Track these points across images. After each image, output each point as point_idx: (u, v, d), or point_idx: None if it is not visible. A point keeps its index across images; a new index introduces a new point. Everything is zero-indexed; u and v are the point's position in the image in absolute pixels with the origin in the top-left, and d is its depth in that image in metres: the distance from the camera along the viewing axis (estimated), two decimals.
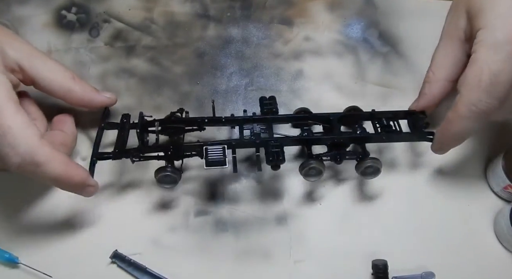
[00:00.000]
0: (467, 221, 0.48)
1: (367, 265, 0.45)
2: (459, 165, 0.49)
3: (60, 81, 0.43)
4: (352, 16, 0.55)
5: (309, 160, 0.43)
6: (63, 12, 0.54)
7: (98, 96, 0.46)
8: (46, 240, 0.45)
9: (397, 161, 0.50)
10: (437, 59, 0.46)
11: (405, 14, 0.54)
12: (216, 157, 0.41)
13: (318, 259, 0.46)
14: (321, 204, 0.48)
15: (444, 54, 0.45)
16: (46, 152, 0.38)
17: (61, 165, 0.39)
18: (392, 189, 0.48)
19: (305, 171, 0.43)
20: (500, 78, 0.38)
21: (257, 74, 0.53)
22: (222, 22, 0.55)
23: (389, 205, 0.48)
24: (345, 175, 0.49)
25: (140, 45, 0.53)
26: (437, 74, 0.45)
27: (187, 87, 0.52)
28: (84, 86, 0.45)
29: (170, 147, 0.43)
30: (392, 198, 0.48)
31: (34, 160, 0.38)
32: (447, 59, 0.45)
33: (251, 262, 0.46)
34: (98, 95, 0.46)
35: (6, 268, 0.45)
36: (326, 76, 0.53)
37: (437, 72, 0.45)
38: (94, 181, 0.43)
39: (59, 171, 0.39)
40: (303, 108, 0.48)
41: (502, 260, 0.46)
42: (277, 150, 0.42)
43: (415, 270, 0.45)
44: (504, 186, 0.46)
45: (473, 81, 0.39)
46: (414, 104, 0.48)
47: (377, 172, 0.44)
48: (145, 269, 0.45)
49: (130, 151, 0.43)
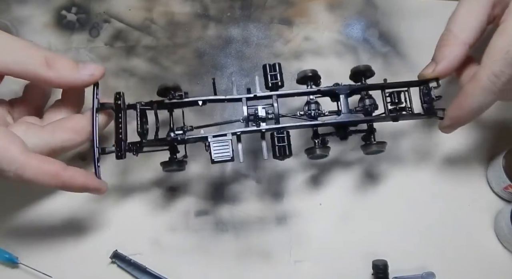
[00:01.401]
0: (468, 221, 0.48)
1: (367, 265, 0.45)
2: (460, 165, 0.49)
3: (31, 72, 0.39)
4: (352, 16, 0.55)
5: (315, 148, 0.42)
6: (63, 12, 0.54)
7: (78, 77, 0.40)
8: (46, 240, 0.45)
9: (398, 161, 0.50)
10: (459, 20, 0.41)
11: (405, 14, 0.54)
12: (222, 152, 0.41)
13: (318, 259, 0.46)
14: (321, 204, 0.48)
15: (468, 16, 0.41)
16: (33, 168, 0.36)
17: (53, 179, 0.37)
18: (392, 189, 0.48)
19: (310, 157, 0.43)
20: None
21: (257, 74, 0.53)
22: (222, 22, 0.55)
23: (390, 205, 0.48)
24: (345, 175, 0.49)
25: (140, 45, 0.53)
26: (460, 36, 0.41)
27: (187, 87, 0.52)
28: (60, 69, 0.40)
29: (173, 141, 0.41)
30: (393, 198, 0.48)
31: (24, 179, 0.36)
32: (470, 21, 0.41)
33: (251, 262, 0.46)
34: (77, 75, 0.40)
35: (6, 268, 0.45)
36: (326, 76, 0.53)
37: (459, 35, 0.41)
38: (97, 183, 0.40)
39: (53, 183, 0.37)
40: (310, 71, 0.44)
41: (502, 260, 0.46)
42: (284, 144, 0.41)
43: (415, 270, 0.45)
44: (505, 186, 0.46)
45: (500, 52, 0.37)
46: (430, 68, 0.42)
47: (382, 151, 0.44)
48: (145, 269, 0.45)
49: (133, 146, 0.41)
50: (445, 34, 0.42)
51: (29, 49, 0.39)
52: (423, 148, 0.50)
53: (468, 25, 0.41)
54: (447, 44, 0.41)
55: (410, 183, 0.49)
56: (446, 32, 0.42)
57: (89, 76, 0.41)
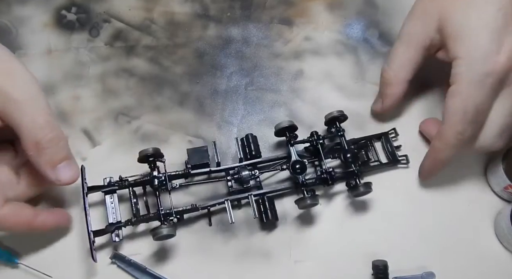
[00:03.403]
0: (467, 221, 0.47)
1: (367, 266, 0.45)
2: (460, 165, 0.48)
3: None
4: (352, 16, 0.55)
5: (305, 198, 0.43)
6: (63, 12, 0.54)
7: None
8: (46, 240, 0.45)
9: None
10: (397, 61, 0.46)
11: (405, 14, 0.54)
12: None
13: (318, 259, 0.46)
14: (321, 204, 0.48)
15: (405, 57, 0.46)
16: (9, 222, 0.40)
17: (27, 227, 0.41)
18: (392, 189, 0.48)
19: (301, 206, 0.45)
20: (482, 108, 0.41)
21: (257, 74, 0.53)
22: (222, 22, 0.55)
23: (389, 205, 0.48)
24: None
25: (140, 45, 0.53)
26: (399, 75, 0.46)
27: (187, 87, 0.52)
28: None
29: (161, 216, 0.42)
30: (392, 198, 0.48)
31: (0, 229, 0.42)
32: (407, 61, 0.46)
33: (251, 262, 0.46)
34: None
35: (6, 268, 0.45)
36: (326, 76, 0.53)
37: (399, 74, 0.46)
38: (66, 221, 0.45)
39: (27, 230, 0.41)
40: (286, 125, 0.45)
41: (502, 260, 0.46)
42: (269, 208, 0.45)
43: (415, 270, 0.45)
44: (505, 186, 0.46)
45: (459, 113, 0.41)
46: (378, 105, 0.49)
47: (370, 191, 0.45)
48: (145, 269, 0.45)
49: (123, 223, 0.43)
50: (386, 71, 0.47)
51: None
52: (422, 148, 0.50)
53: (405, 65, 0.46)
54: (389, 82, 0.47)
55: (410, 182, 0.49)
56: (386, 70, 0.47)
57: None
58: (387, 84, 0.47)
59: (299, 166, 0.44)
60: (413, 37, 0.45)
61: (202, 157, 0.45)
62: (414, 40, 0.45)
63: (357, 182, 0.45)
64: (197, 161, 0.45)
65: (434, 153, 0.45)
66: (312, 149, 0.47)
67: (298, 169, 0.44)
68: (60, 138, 0.39)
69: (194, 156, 0.45)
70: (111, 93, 0.51)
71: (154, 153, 0.43)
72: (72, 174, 0.40)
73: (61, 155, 0.40)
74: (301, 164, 0.44)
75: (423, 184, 0.49)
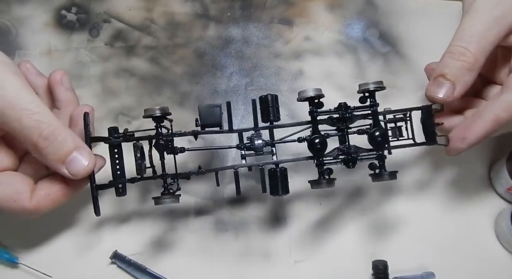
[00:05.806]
0: (468, 222, 0.47)
1: (367, 266, 0.45)
2: (462, 166, 0.48)
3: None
4: (352, 16, 0.55)
5: (321, 183, 0.40)
6: (63, 12, 0.54)
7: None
8: (46, 240, 0.45)
9: (398, 161, 0.50)
10: (478, 40, 0.39)
11: (405, 14, 0.54)
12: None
13: (318, 259, 0.46)
14: (321, 203, 0.48)
15: (487, 36, 0.39)
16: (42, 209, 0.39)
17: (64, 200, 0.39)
18: (392, 189, 0.48)
19: (315, 188, 0.41)
20: None
21: (257, 74, 0.53)
22: (222, 22, 0.55)
23: (389, 205, 0.48)
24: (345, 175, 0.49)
25: (140, 45, 0.53)
26: (479, 60, 0.39)
27: (187, 87, 0.52)
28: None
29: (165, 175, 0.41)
30: (392, 198, 0.48)
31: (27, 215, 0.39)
32: (488, 43, 0.39)
33: (251, 262, 0.46)
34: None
35: (6, 268, 0.45)
36: (326, 76, 0.53)
37: (479, 58, 0.39)
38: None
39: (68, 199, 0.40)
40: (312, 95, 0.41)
41: (502, 261, 0.46)
42: (280, 182, 0.40)
43: (415, 270, 0.45)
44: (508, 187, 0.46)
45: None
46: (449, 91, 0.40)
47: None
48: (145, 269, 0.45)
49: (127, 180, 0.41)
50: (465, 54, 0.39)
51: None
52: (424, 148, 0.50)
53: (487, 48, 0.39)
54: (468, 68, 0.39)
55: (410, 182, 0.49)
56: (464, 51, 0.39)
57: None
58: (467, 69, 0.39)
59: (318, 141, 0.39)
60: (503, 20, 0.39)
61: (214, 116, 0.40)
62: (503, 24, 0.39)
63: (382, 169, 0.40)
64: (209, 120, 0.40)
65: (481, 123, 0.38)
66: (336, 121, 0.41)
67: (318, 144, 0.39)
68: (57, 132, 0.36)
69: (206, 114, 0.40)
70: (111, 93, 0.51)
71: (161, 113, 0.40)
72: (84, 164, 0.37)
73: (66, 148, 0.37)
74: (321, 138, 0.39)
75: (423, 183, 0.49)
